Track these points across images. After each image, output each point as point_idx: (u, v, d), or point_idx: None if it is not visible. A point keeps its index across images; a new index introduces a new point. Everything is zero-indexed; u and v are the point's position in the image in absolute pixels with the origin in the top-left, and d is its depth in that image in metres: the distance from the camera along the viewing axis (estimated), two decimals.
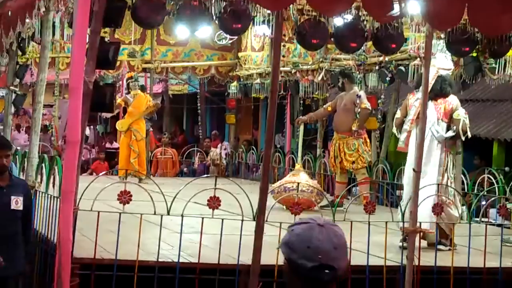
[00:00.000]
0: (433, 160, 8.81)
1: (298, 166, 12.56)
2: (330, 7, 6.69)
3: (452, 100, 9.08)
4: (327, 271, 2.58)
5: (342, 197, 10.81)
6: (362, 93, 12.44)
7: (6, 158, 6.71)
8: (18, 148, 13.07)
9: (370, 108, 12.46)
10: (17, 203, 6.69)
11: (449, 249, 8.37)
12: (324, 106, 13.45)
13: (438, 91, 8.81)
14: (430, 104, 8.65)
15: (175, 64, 17.52)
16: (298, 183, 10.04)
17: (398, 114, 9.41)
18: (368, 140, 12.70)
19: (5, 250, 6.53)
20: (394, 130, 9.55)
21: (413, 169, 7.22)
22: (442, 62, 9.06)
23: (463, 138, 9.00)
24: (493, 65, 10.60)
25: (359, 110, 12.14)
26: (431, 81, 8.87)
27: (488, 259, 7.82)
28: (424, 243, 8.58)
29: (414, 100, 9.02)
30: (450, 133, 8.90)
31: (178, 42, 17.26)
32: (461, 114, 8.95)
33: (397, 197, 9.89)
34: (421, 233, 7.95)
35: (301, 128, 13.17)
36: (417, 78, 9.74)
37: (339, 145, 12.36)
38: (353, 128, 12.19)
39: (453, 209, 8.66)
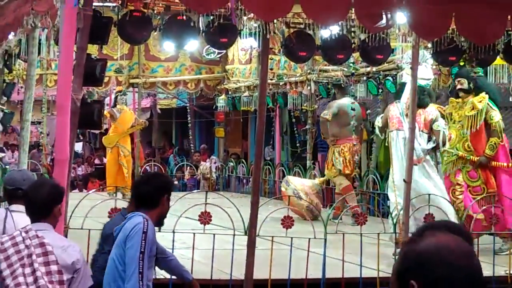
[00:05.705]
0: (432, 170, 8.86)
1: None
2: (326, 16, 6.70)
3: (432, 111, 9.07)
4: (20, 191, 4.93)
5: (337, 209, 10.79)
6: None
7: None
8: (7, 166, 12.98)
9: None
10: None
11: None
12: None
13: (417, 102, 8.57)
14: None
15: (163, 79, 17.39)
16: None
17: (380, 123, 9.41)
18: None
19: None
20: (377, 131, 9.56)
21: (404, 180, 7.22)
22: (421, 72, 8.97)
23: (442, 149, 9.03)
24: (480, 73, 10.61)
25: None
26: (408, 93, 8.87)
27: None
28: None
29: (394, 111, 9.01)
30: (431, 144, 8.93)
31: (169, 57, 17.14)
32: (441, 125, 8.97)
33: (388, 208, 9.86)
34: None
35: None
36: (398, 88, 9.74)
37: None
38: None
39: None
